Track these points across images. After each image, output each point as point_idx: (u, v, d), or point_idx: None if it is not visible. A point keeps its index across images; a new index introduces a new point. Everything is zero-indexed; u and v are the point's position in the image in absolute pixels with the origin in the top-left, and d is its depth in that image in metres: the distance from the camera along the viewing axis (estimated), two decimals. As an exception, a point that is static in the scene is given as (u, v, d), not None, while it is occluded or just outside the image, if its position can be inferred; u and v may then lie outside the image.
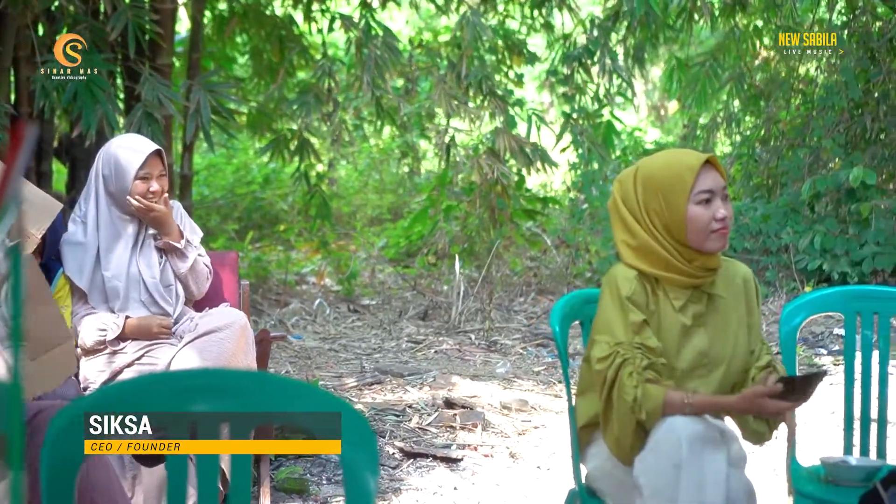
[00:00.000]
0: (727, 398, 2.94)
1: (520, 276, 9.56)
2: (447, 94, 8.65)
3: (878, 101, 10.34)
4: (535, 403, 5.87)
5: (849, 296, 3.69)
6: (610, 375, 2.97)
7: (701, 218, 3.00)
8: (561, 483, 4.74)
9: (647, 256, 3.06)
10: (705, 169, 3.02)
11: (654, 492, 2.82)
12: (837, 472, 3.42)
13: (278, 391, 2.07)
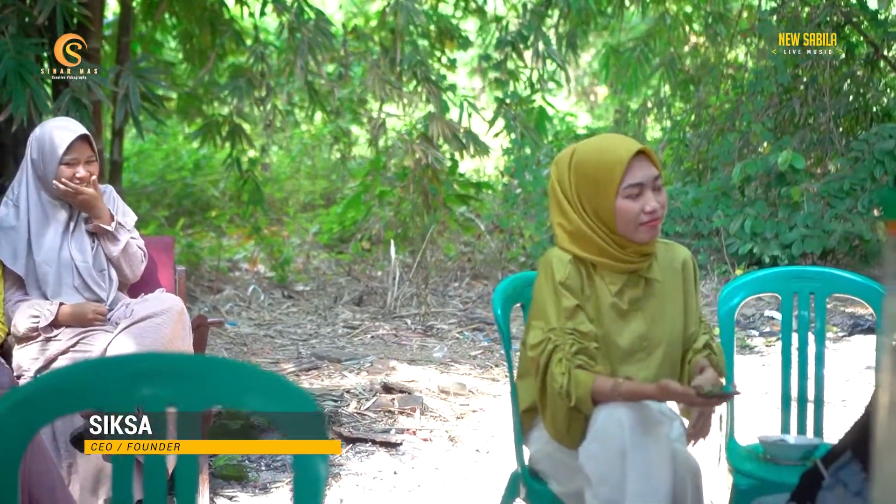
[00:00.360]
0: (650, 387, 2.94)
1: (454, 261, 9.55)
2: (381, 79, 8.60)
3: (806, 86, 10.47)
4: (472, 387, 5.87)
5: (786, 276, 3.72)
6: (542, 361, 2.97)
7: (629, 211, 2.97)
8: (500, 466, 4.75)
9: (582, 241, 3.04)
10: (636, 161, 2.98)
11: (601, 480, 2.82)
12: (776, 451, 3.45)
13: (226, 375, 2.04)
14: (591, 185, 3.00)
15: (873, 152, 9.25)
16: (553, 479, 3.13)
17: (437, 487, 4.52)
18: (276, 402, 2.01)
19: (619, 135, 3.13)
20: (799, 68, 10.45)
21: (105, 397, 2.03)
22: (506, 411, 5.52)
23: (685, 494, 2.83)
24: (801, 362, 3.68)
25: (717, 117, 11.18)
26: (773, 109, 10.45)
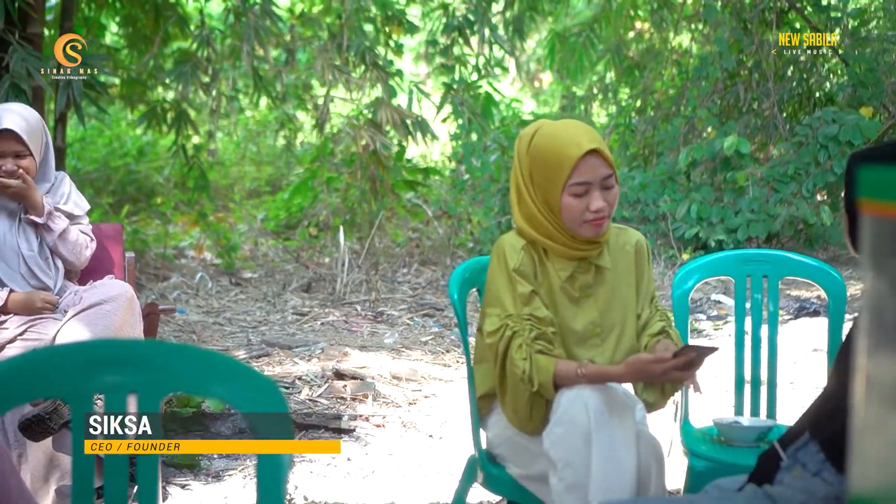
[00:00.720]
0: (616, 368, 2.93)
1: (402, 248, 9.54)
2: (328, 64, 8.56)
3: (750, 72, 10.55)
4: (424, 373, 5.86)
5: (739, 259, 3.74)
6: (501, 348, 2.96)
7: (574, 209, 2.96)
8: (454, 451, 4.75)
9: (533, 223, 3.04)
10: (588, 158, 2.94)
11: (567, 463, 2.81)
12: (730, 433, 3.47)
13: (186, 361, 2.01)
14: (542, 173, 2.98)
15: (817, 137, 9.34)
16: (513, 463, 3.13)
17: (391, 473, 4.51)
18: (239, 389, 1.99)
19: (581, 125, 3.08)
20: (743, 54, 10.53)
21: (62, 385, 1.99)
22: (459, 396, 5.53)
23: (650, 476, 2.83)
24: (755, 345, 3.70)
25: (662, 103, 11.24)
26: (718, 95, 10.52)
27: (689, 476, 3.34)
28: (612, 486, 2.76)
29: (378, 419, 5.16)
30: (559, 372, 2.90)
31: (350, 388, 5.46)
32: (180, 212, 11.04)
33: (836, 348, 3.58)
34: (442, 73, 10.88)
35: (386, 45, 9.82)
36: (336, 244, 8.82)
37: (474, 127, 10.02)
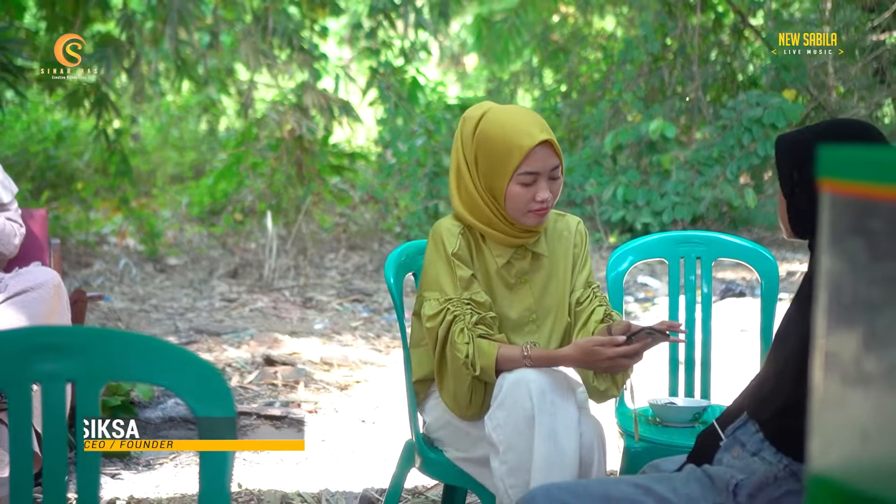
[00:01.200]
0: (563, 351, 2.91)
1: (329, 233, 9.48)
2: (254, 48, 8.47)
3: (675, 55, 10.63)
4: (355, 358, 5.83)
5: (673, 241, 3.75)
6: (441, 333, 2.93)
7: (520, 198, 2.93)
8: (387, 436, 4.73)
9: (473, 208, 3.01)
10: (538, 148, 2.91)
11: (510, 447, 2.80)
12: (665, 413, 3.49)
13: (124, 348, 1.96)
14: (488, 160, 2.94)
15: (741, 120, 9.44)
16: (452, 447, 3.11)
17: (324, 459, 4.47)
18: (182, 377, 1.94)
19: (531, 113, 3.04)
20: (668, 37, 10.61)
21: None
22: (391, 381, 5.51)
23: (592, 458, 2.83)
24: (689, 326, 3.71)
25: (587, 87, 11.29)
26: (643, 78, 10.59)
27: (626, 457, 3.36)
28: (554, 469, 2.76)
29: (310, 405, 5.12)
30: (502, 356, 2.89)
31: (281, 375, 5.41)
32: (101, 198, 10.85)
33: (768, 329, 3.61)
34: (366, 56, 10.83)
35: (311, 28, 9.74)
36: (262, 230, 8.74)
37: (400, 111, 9.99)
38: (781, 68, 10.39)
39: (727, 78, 11.02)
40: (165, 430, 4.61)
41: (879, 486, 1.23)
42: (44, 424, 1.94)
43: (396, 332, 6.60)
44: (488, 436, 2.87)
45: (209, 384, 1.96)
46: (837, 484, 1.24)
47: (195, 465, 4.28)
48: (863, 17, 12.32)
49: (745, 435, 2.57)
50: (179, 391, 1.96)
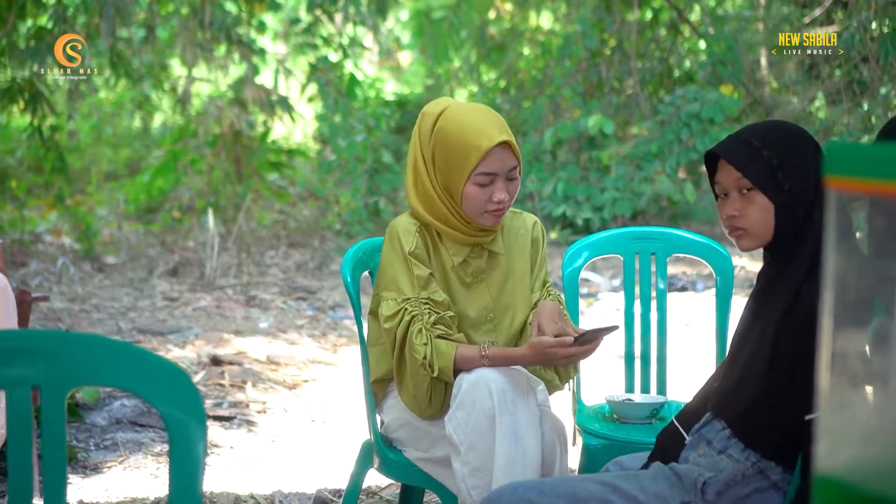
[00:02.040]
0: (519, 350, 2.90)
1: (269, 230, 9.39)
2: (191, 42, 8.36)
3: (612, 51, 10.68)
4: (303, 357, 5.78)
5: (628, 237, 3.75)
6: (399, 333, 2.90)
7: (477, 198, 2.90)
8: (337, 435, 4.69)
9: (430, 206, 2.98)
10: (496, 149, 2.87)
11: (471, 447, 2.77)
12: (623, 410, 3.48)
13: (92, 352, 1.90)
14: (446, 158, 2.91)
15: (680, 115, 9.50)
16: (412, 447, 3.07)
17: (276, 460, 4.42)
18: (149, 380, 1.89)
19: (490, 112, 3.00)
20: (605, 33, 10.65)
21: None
22: (339, 380, 5.47)
23: (554, 456, 2.82)
24: (644, 322, 3.72)
25: (526, 83, 11.30)
26: (582, 74, 10.62)
27: (585, 454, 3.34)
28: (516, 468, 2.74)
29: (258, 405, 5.06)
30: (460, 356, 2.86)
31: (229, 375, 5.35)
32: (35, 196, 10.66)
33: (724, 326, 3.62)
34: (301, 52, 10.75)
35: (249, 22, 9.64)
36: (201, 227, 8.64)
37: (340, 107, 9.93)
38: (718, 64, 10.47)
39: (664, 73, 11.09)
40: (113, 433, 4.55)
41: (887, 486, 1.22)
42: (9, 431, 1.88)
43: (343, 331, 6.55)
44: (449, 436, 2.84)
45: (177, 387, 1.91)
46: (845, 485, 1.23)
47: (145, 468, 4.21)
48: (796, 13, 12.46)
49: (711, 433, 2.57)
50: (147, 395, 1.91)
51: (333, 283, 7.87)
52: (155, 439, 4.51)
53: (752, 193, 2.47)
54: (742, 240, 2.51)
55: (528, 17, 12.48)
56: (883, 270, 1.24)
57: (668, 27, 11.16)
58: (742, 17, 12.02)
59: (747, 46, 11.56)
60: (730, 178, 2.50)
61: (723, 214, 2.54)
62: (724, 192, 2.53)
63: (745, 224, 2.48)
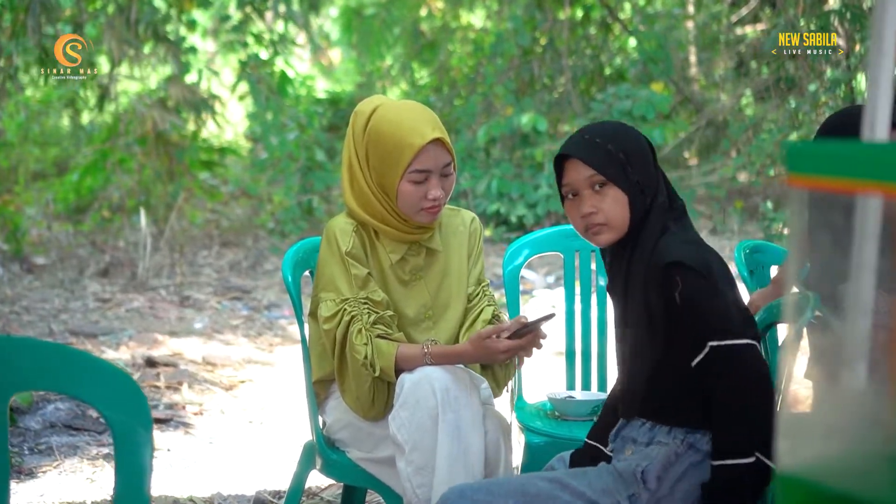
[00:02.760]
0: (460, 346, 2.90)
1: (201, 229, 9.29)
2: (118, 39, 8.25)
3: (544, 49, 10.71)
4: (238, 357, 5.73)
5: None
6: (339, 335, 2.88)
7: (412, 196, 2.90)
8: (276, 436, 4.65)
9: (366, 205, 2.97)
10: (429, 146, 2.87)
11: (415, 446, 2.77)
12: (564, 407, 3.49)
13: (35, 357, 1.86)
14: (379, 157, 2.91)
15: (611, 112, 9.55)
16: (355, 448, 3.06)
17: (214, 462, 4.37)
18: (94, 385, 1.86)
19: (422, 110, 2.99)
20: (537, 31, 10.68)
21: None
22: (276, 380, 5.43)
23: (499, 454, 2.82)
24: (584, 319, 3.73)
25: (458, 80, 11.30)
26: (514, 72, 10.64)
27: (527, 452, 3.35)
28: (458, 466, 2.74)
29: (195, 407, 5.00)
30: (402, 355, 2.85)
31: (164, 376, 5.28)
32: (-43, 196, 10.45)
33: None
34: (231, 49, 10.66)
35: (178, 19, 9.53)
36: (132, 227, 8.54)
37: (271, 105, 9.86)
38: (649, 61, 10.55)
39: (596, 71, 11.15)
40: (47, 437, 4.47)
41: (847, 482, 1.22)
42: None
43: (279, 330, 6.50)
44: (393, 436, 2.83)
45: (122, 391, 1.88)
46: (806, 482, 1.23)
47: (81, 473, 4.14)
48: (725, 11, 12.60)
49: (633, 432, 2.60)
50: (92, 400, 1.87)
51: (268, 282, 7.81)
52: (90, 443, 4.44)
53: (605, 188, 2.55)
54: (601, 235, 2.58)
55: (459, 15, 12.49)
56: (841, 268, 1.24)
57: (599, 25, 11.22)
58: (672, 14, 12.12)
59: (677, 44, 11.66)
60: (581, 176, 2.57)
61: (577, 214, 2.60)
62: (573, 193, 2.60)
63: (603, 219, 2.55)
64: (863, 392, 1.25)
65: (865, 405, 1.25)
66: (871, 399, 1.25)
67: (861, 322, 1.26)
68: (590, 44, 11.14)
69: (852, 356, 1.25)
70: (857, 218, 1.27)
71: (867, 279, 1.26)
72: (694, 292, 2.43)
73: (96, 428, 4.59)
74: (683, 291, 2.43)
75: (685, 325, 2.44)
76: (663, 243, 2.50)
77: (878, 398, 1.23)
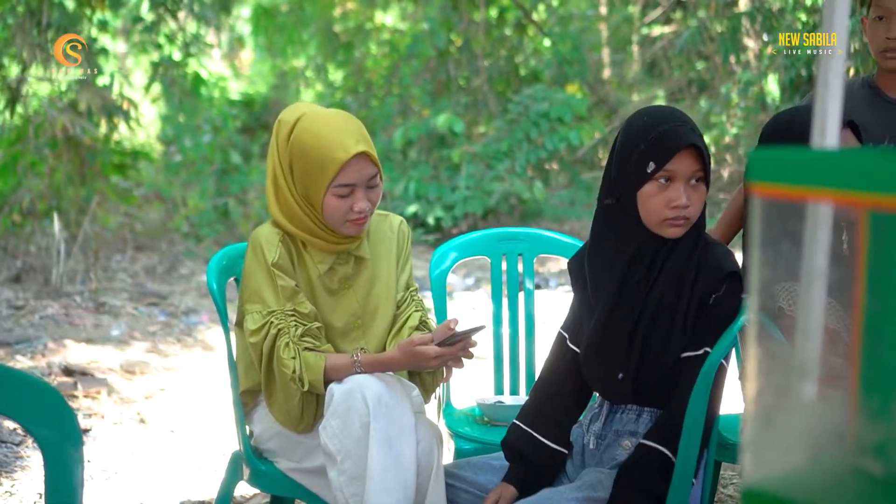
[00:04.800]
0: (390, 354, 2.86)
1: (115, 234, 9.12)
2: (28, 43, 8.07)
3: (460, 50, 10.72)
4: (157, 365, 5.62)
5: (495, 238, 3.74)
6: (266, 348, 2.83)
7: (337, 209, 2.85)
8: (197, 445, 4.58)
9: (291, 216, 2.92)
10: (354, 160, 2.82)
11: (347, 455, 2.73)
12: (494, 413, 3.48)
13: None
14: (303, 169, 2.86)
15: (528, 114, 9.58)
16: (284, 458, 3.01)
17: (135, 473, 4.28)
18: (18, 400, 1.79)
19: (348, 120, 2.93)
20: (453, 32, 10.69)
21: None
22: (196, 388, 5.34)
23: (431, 462, 2.79)
24: (512, 323, 3.71)
25: (374, 82, 11.26)
26: (430, 73, 10.64)
27: (457, 458, 3.32)
28: (390, 475, 2.70)
29: (114, 416, 4.90)
30: (331, 367, 2.82)
31: (81, 385, 5.16)
32: None
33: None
34: (142, 50, 10.51)
35: (90, 19, 9.35)
36: (44, 231, 8.35)
37: (185, 106, 9.73)
38: (564, 63, 10.61)
39: (511, 72, 11.19)
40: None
41: (812, 496, 1.21)
42: None
43: (197, 336, 6.40)
44: (324, 445, 2.79)
45: (50, 408, 1.81)
46: (772, 496, 1.22)
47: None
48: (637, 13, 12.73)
49: (623, 423, 2.63)
50: (19, 417, 1.81)
51: (184, 286, 7.69)
52: (8, 455, 4.32)
53: (699, 184, 2.53)
54: (682, 228, 2.53)
55: (373, 16, 12.44)
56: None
57: (514, 26, 11.25)
58: (585, 16, 12.21)
59: (591, 46, 11.74)
60: (690, 168, 2.50)
61: (664, 201, 2.50)
62: (668, 178, 2.50)
63: (692, 213, 2.52)
64: (824, 405, 1.24)
65: (827, 418, 1.24)
66: (832, 411, 1.24)
67: (812, 333, 1.25)
68: (505, 45, 11.17)
69: (803, 368, 1.24)
70: (807, 227, 1.26)
71: (818, 289, 1.26)
72: (730, 303, 2.50)
73: (13, 440, 4.46)
74: (721, 298, 2.50)
75: (699, 322, 2.51)
76: (718, 250, 2.56)
77: (840, 410, 1.22)
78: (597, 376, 2.69)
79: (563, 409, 2.78)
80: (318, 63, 12.16)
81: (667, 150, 2.48)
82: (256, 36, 12.62)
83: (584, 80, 10.90)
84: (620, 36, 12.69)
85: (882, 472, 1.21)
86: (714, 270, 2.50)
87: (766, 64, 10.62)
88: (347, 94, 11.43)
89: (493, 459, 2.87)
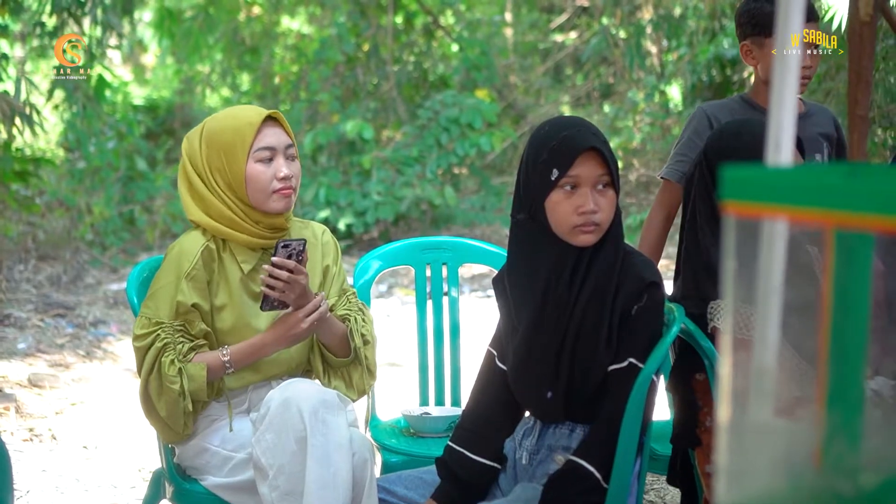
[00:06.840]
0: (261, 337, 2.89)
1: (16, 243, 8.89)
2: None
3: (368, 55, 10.68)
4: (67, 378, 5.49)
5: (419, 247, 3.72)
6: (149, 359, 2.82)
7: (261, 176, 2.87)
8: (112, 462, 4.47)
9: (212, 212, 2.90)
10: (268, 126, 2.89)
11: (280, 469, 2.68)
12: (421, 424, 3.45)
13: None
14: (222, 153, 2.88)
15: (438, 120, 9.57)
16: (210, 475, 2.95)
17: (48, 491, 4.17)
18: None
19: (251, 105, 3.04)
20: (361, 37, 10.65)
21: None
22: (108, 402, 5.22)
23: (364, 476, 2.75)
24: (437, 334, 3.68)
25: (282, 87, 11.17)
26: (339, 78, 10.59)
27: (384, 471, 3.29)
28: (328, 491, 2.67)
29: (24, 433, 4.76)
30: (210, 371, 2.84)
31: (-12, 401, 5.02)
32: None
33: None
34: (43, 55, 10.28)
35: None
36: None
37: (88, 112, 9.53)
38: (472, 68, 10.62)
39: (420, 78, 11.18)
40: None
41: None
42: None
43: (107, 348, 6.26)
44: (256, 459, 2.75)
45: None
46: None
47: None
48: (543, 18, 12.80)
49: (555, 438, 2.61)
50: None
51: (91, 297, 7.53)
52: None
53: (606, 189, 2.51)
54: (592, 235, 2.51)
55: (280, 21, 12.35)
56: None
57: (422, 32, 11.24)
58: (493, 22, 12.25)
59: (499, 51, 11.78)
60: (594, 172, 2.49)
61: (571, 208, 2.48)
62: (573, 185, 2.49)
63: (601, 219, 2.51)
64: (793, 425, 1.23)
65: (796, 438, 1.24)
66: (801, 432, 1.23)
67: (768, 351, 1.24)
68: (413, 51, 11.16)
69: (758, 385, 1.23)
70: (762, 244, 1.25)
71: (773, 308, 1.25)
72: (651, 313, 2.51)
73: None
74: (643, 308, 2.50)
75: (622, 333, 2.51)
76: (638, 260, 2.56)
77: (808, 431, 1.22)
78: (526, 396, 2.68)
79: (496, 427, 2.76)
80: (225, 67, 12.01)
81: (568, 156, 2.47)
82: (160, 40, 12.41)
83: (492, 86, 10.92)
84: (526, 42, 12.76)
85: (852, 492, 1.20)
86: (636, 281, 2.50)
87: (671, 70, 10.75)
88: (255, 98, 11.32)
89: (425, 474, 2.84)
